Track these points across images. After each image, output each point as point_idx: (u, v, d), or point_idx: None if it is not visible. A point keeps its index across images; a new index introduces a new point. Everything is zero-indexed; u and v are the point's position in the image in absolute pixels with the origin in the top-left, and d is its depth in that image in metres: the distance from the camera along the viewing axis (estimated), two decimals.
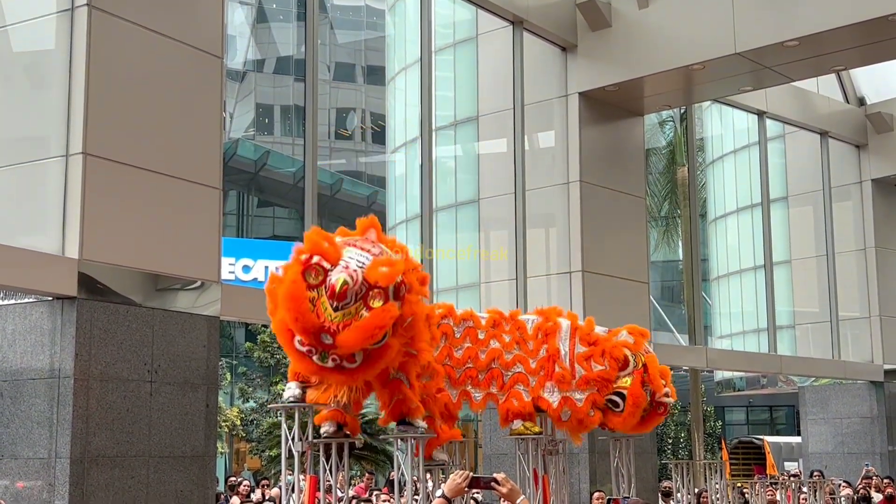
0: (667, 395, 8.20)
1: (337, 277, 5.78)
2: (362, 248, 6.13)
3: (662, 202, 23.90)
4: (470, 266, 15.63)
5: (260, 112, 44.55)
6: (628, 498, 6.63)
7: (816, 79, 19.04)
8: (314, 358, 5.94)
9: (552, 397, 7.73)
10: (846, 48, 14.09)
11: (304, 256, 5.91)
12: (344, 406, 6.69)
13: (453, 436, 7.54)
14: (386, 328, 5.88)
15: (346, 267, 5.89)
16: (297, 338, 5.96)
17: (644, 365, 8.15)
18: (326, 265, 5.91)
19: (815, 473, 16.76)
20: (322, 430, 6.70)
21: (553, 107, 15.13)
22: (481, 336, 7.71)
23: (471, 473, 4.93)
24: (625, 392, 7.96)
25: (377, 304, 5.83)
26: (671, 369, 29.72)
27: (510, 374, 7.73)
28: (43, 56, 9.77)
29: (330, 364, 5.95)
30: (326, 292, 5.81)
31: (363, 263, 5.95)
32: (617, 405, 7.97)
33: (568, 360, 7.81)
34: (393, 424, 6.61)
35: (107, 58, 9.17)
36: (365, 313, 5.80)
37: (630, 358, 8.08)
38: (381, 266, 5.90)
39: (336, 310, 5.79)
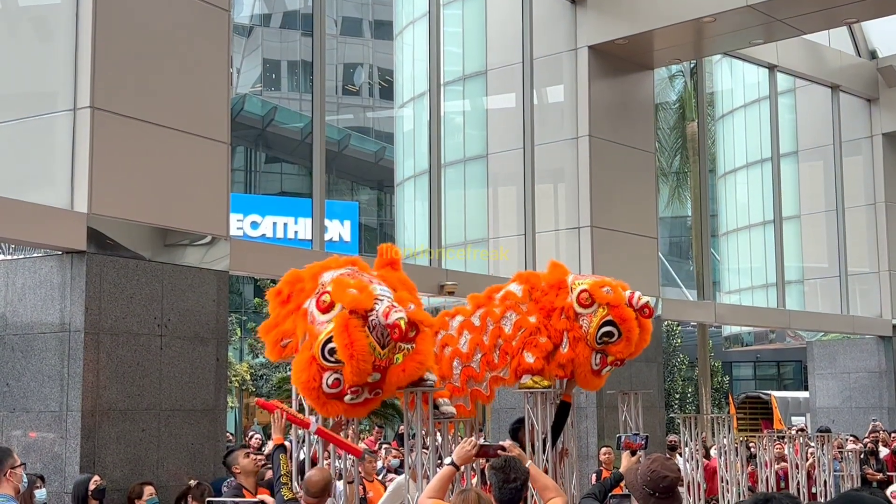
0: (639, 296, 7.31)
1: (398, 317, 5.77)
2: (373, 279, 6.32)
3: (672, 157, 23.82)
4: (479, 222, 15.61)
5: (267, 67, 44.28)
6: (638, 434, 6.46)
7: (828, 32, 18.85)
8: (346, 397, 6.07)
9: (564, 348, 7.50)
10: (858, 0, 13.95)
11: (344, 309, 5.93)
12: None
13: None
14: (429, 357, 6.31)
15: (393, 305, 5.92)
16: (327, 377, 5.99)
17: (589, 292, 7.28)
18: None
19: (820, 432, 16.78)
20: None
21: (562, 61, 15.02)
22: (476, 323, 7.62)
23: (478, 441, 4.96)
24: (609, 318, 7.22)
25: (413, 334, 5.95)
26: (679, 325, 29.46)
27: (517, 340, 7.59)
28: (49, 9, 9.72)
29: (363, 398, 6.15)
30: (374, 333, 5.87)
31: (391, 297, 6.08)
32: (611, 335, 7.29)
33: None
34: None
35: (114, 11, 9.12)
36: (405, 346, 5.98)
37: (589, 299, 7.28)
38: (410, 303, 6.11)
39: (384, 347, 5.91)
